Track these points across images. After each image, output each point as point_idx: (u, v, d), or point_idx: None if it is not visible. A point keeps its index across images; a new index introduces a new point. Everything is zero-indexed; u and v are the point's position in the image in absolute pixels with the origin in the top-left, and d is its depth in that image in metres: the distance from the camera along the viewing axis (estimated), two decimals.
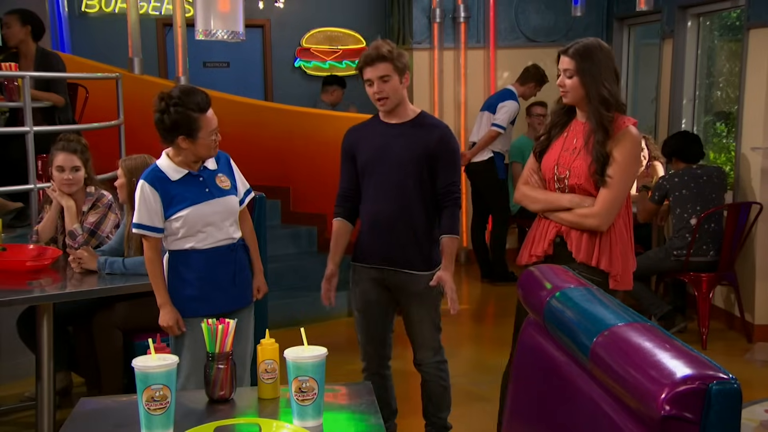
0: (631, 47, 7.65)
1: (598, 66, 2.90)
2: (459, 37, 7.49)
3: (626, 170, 2.93)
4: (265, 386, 2.19)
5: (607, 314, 1.72)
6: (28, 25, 5.15)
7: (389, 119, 3.25)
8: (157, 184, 3.00)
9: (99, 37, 7.80)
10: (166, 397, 1.94)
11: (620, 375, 1.52)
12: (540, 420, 1.95)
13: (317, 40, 8.47)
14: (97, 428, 2.06)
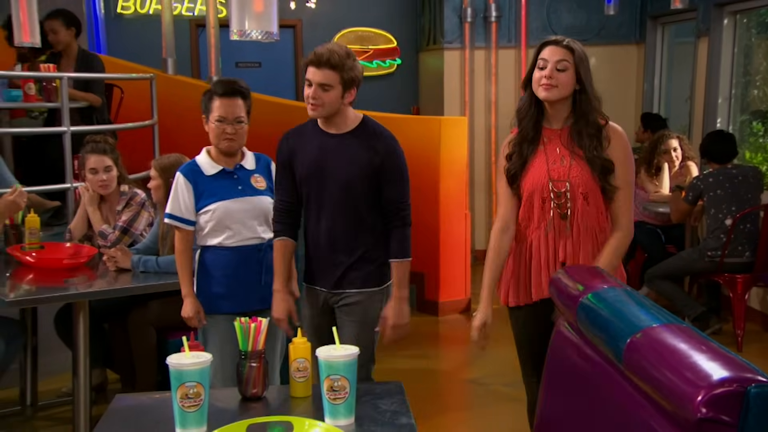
0: (664, 46, 7.56)
1: (587, 62, 2.67)
2: (490, 37, 7.46)
3: (630, 170, 2.72)
4: (297, 384, 2.19)
5: (641, 315, 1.71)
6: (73, 27, 5.24)
7: (328, 128, 2.87)
8: (191, 177, 3.06)
9: (133, 38, 7.88)
10: (200, 395, 1.96)
11: (655, 377, 1.50)
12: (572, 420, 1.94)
13: (348, 40, 8.47)
14: (132, 424, 2.08)
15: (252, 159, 3.19)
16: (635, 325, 1.65)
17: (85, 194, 3.92)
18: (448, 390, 4.62)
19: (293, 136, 2.95)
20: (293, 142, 2.92)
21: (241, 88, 3.07)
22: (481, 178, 7.53)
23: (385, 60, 8.55)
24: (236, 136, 3.04)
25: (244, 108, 3.06)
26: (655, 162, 5.68)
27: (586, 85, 2.63)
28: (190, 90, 6.44)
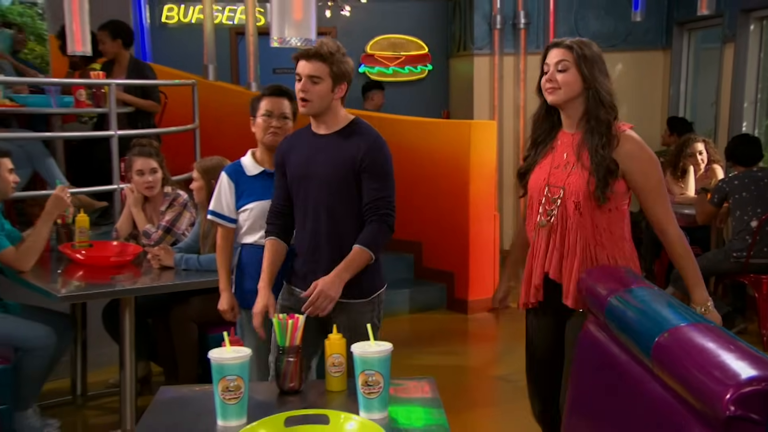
0: (690, 52, 7.45)
1: (596, 61, 2.46)
2: (519, 43, 7.42)
3: (658, 170, 2.50)
4: (333, 379, 2.19)
5: (669, 314, 1.69)
6: (119, 38, 5.32)
7: (318, 128, 2.76)
8: (233, 176, 3.09)
9: (177, 45, 7.96)
10: (240, 388, 1.97)
11: (683, 375, 1.48)
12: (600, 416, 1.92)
13: (381, 47, 8.49)
14: (176, 416, 2.09)
15: None
16: (663, 324, 1.63)
17: (131, 195, 3.96)
18: (476, 386, 4.60)
19: (288, 139, 2.89)
20: (288, 145, 2.84)
21: (287, 90, 3.10)
22: (509, 181, 7.48)
23: (416, 66, 8.54)
24: (280, 130, 3.04)
25: (289, 108, 3.08)
26: (680, 165, 5.61)
27: (592, 81, 2.44)
28: (229, 95, 6.50)
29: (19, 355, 3.49)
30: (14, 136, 4.62)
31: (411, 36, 8.49)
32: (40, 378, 3.62)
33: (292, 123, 3.09)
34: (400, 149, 6.42)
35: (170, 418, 2.07)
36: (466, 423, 3.72)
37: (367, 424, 1.83)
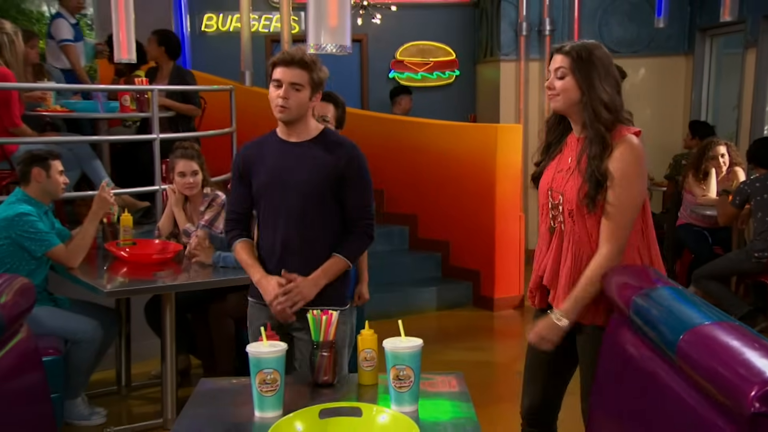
0: (713, 57, 7.35)
1: (596, 66, 2.29)
2: (544, 49, 7.36)
3: (629, 190, 2.24)
4: (365, 373, 2.19)
5: (694, 313, 1.66)
6: (163, 45, 5.39)
7: (288, 136, 2.61)
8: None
9: (215, 53, 8.02)
10: (276, 381, 1.98)
11: (708, 372, 1.46)
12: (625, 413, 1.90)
13: (410, 53, 8.48)
14: (216, 406, 2.11)
15: None
16: (688, 322, 1.61)
17: (172, 196, 4.00)
18: (502, 381, 4.58)
19: (251, 147, 2.70)
20: (251, 153, 2.66)
21: (334, 96, 3.08)
22: None
23: (444, 71, 8.51)
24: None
25: (332, 112, 3.05)
26: (703, 167, 5.53)
27: (588, 88, 2.28)
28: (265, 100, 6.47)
29: (69, 346, 3.55)
30: (64, 140, 4.69)
31: (439, 43, 8.47)
32: (88, 369, 3.68)
33: (333, 127, 3.06)
34: (428, 152, 6.44)
35: (210, 409, 2.09)
36: (492, 416, 3.70)
37: (398, 416, 1.83)
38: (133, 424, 3.74)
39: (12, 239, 3.45)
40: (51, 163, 3.59)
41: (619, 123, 2.31)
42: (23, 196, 3.57)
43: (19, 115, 4.46)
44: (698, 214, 5.51)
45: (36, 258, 3.52)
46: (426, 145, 6.35)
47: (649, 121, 7.39)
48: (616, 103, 2.30)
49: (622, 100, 2.34)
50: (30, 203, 3.55)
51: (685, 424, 1.56)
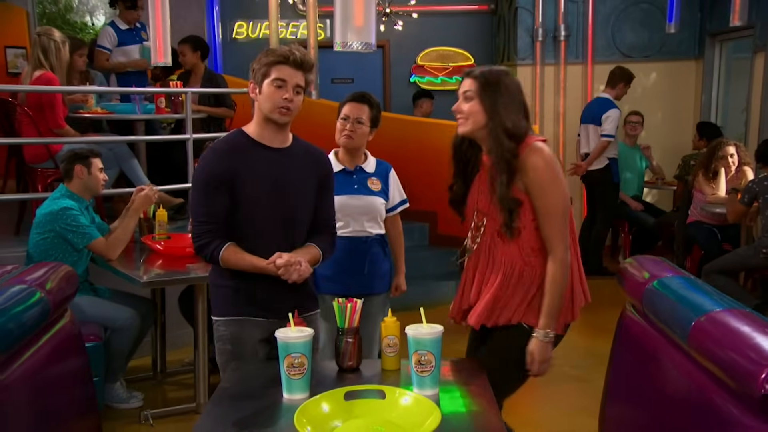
0: (722, 61, 7.26)
1: (502, 92, 2.20)
2: (559, 54, 7.32)
3: (550, 196, 2.15)
4: (388, 359, 2.19)
5: (705, 300, 1.65)
6: (198, 51, 5.44)
7: (272, 142, 2.36)
8: None
9: (245, 58, 8.02)
10: (304, 364, 1.98)
11: (719, 356, 1.45)
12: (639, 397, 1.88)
13: (431, 58, 8.47)
14: (246, 389, 2.12)
15: (373, 164, 3.13)
16: (700, 308, 1.60)
17: None
18: None
19: (231, 152, 2.33)
20: (234, 159, 2.32)
21: (369, 98, 3.06)
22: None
23: None
24: (354, 134, 2.98)
25: (368, 113, 3.02)
26: (713, 167, 5.47)
27: (493, 113, 2.18)
28: None
29: (109, 334, 3.59)
30: (104, 140, 4.75)
31: (458, 48, 8.45)
32: (126, 355, 3.72)
33: (368, 129, 3.05)
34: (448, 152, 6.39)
35: (240, 392, 2.10)
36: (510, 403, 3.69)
37: (420, 399, 1.83)
38: (167, 408, 3.76)
39: (56, 232, 3.50)
40: (92, 160, 3.63)
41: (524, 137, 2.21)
42: (66, 191, 3.62)
43: (63, 117, 4.52)
44: (708, 211, 5.45)
45: (78, 250, 3.56)
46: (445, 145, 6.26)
47: (660, 123, 7.32)
48: (521, 130, 2.19)
49: (528, 124, 2.23)
50: (72, 198, 3.59)
51: (697, 408, 1.55)
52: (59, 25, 9.89)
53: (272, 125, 2.35)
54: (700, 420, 1.55)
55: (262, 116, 2.34)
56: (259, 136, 2.36)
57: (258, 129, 2.37)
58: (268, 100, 2.28)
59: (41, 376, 1.89)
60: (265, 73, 2.29)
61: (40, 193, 4.32)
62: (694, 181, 5.59)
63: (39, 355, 1.89)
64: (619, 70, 6.39)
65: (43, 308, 1.89)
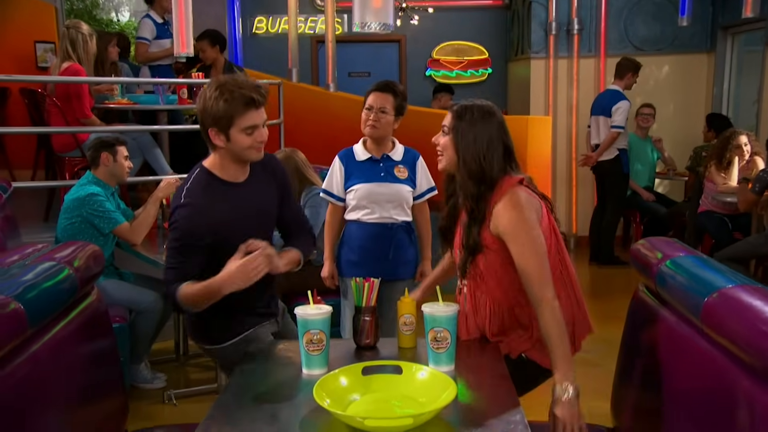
0: (734, 54, 7.16)
1: (477, 129, 2.04)
2: (572, 47, 7.26)
3: (524, 243, 1.97)
4: (404, 337, 2.19)
5: (718, 278, 1.62)
6: (217, 45, 5.46)
7: (237, 177, 2.21)
8: (344, 160, 3.09)
9: (265, 52, 8.09)
10: (322, 341, 1.98)
11: (733, 331, 1.43)
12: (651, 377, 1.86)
13: (446, 52, 8.44)
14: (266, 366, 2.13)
15: (401, 152, 3.13)
16: (713, 285, 1.58)
17: None
18: None
19: (207, 206, 2.14)
20: (211, 214, 2.13)
21: (394, 87, 3.05)
22: (562, 172, 7.35)
23: (478, 69, 8.46)
24: (378, 123, 2.98)
25: (391, 102, 3.01)
26: (727, 156, 5.40)
27: (461, 152, 2.05)
28: (310, 95, 6.56)
29: (134, 316, 3.62)
30: (128, 129, 4.77)
31: (473, 42, 8.42)
32: (150, 336, 3.75)
33: (392, 118, 3.04)
34: None
35: (260, 368, 2.10)
36: None
37: (436, 374, 1.82)
38: (190, 388, 3.79)
39: (83, 217, 3.53)
40: (117, 148, 3.66)
41: (502, 177, 2.06)
42: (93, 178, 3.64)
43: (89, 107, 4.55)
44: (719, 201, 5.40)
45: (104, 235, 3.58)
46: None
47: (672, 115, 7.25)
48: (491, 173, 2.03)
49: (510, 166, 2.07)
50: (99, 185, 3.62)
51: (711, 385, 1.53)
52: (86, 21, 9.98)
53: (241, 162, 2.19)
54: (714, 396, 1.53)
55: (232, 156, 2.15)
56: (227, 175, 2.19)
57: (225, 168, 2.18)
58: (240, 146, 2.11)
59: (70, 351, 1.90)
60: (229, 124, 2.08)
61: (67, 181, 4.36)
62: (706, 172, 5.54)
63: (67, 330, 1.90)
64: (625, 60, 6.33)
65: (71, 284, 1.90)
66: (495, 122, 2.09)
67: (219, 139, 2.12)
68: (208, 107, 2.08)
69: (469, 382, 1.91)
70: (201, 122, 2.13)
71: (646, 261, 1.98)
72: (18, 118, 5.69)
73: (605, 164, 6.35)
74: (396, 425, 1.59)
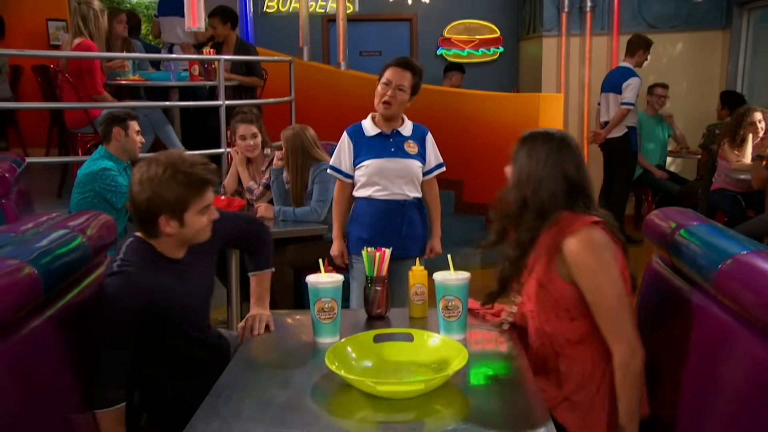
0: (749, 31, 7.06)
1: (533, 154, 1.90)
2: (585, 25, 7.18)
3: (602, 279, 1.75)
4: (415, 306, 2.19)
5: (731, 245, 1.61)
6: (228, 22, 5.43)
7: (180, 254, 2.01)
8: (353, 137, 3.03)
9: (276, 31, 8.06)
10: (333, 309, 1.99)
11: (746, 296, 1.42)
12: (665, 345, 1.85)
13: (457, 31, 8.37)
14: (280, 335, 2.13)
15: (410, 127, 3.07)
16: (726, 252, 1.56)
17: (236, 156, 4.03)
18: None
19: (133, 265, 1.88)
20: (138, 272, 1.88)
21: (412, 64, 2.93)
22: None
23: (489, 48, 8.39)
24: (394, 100, 2.90)
25: (409, 80, 2.91)
26: (741, 133, 5.33)
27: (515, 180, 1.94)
28: (321, 74, 6.54)
29: None
30: (139, 105, 4.77)
31: (484, 21, 8.34)
32: None
33: (408, 96, 2.96)
34: (474, 121, 6.35)
35: (272, 337, 2.11)
36: None
37: (447, 340, 1.82)
38: None
39: (96, 192, 3.53)
40: (129, 123, 3.65)
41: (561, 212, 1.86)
42: (105, 153, 3.65)
43: (101, 84, 4.55)
44: (732, 178, 5.34)
45: (116, 209, 3.59)
46: (472, 114, 6.28)
47: (686, 93, 7.17)
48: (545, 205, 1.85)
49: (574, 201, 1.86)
50: (111, 160, 3.62)
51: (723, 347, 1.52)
52: None
53: (187, 245, 2.01)
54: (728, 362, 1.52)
55: (179, 242, 1.97)
56: (169, 252, 1.98)
57: (172, 249, 1.99)
58: (194, 229, 1.94)
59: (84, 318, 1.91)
60: (181, 206, 1.89)
61: (80, 157, 4.38)
62: (719, 149, 5.48)
63: (80, 297, 1.91)
64: (636, 37, 6.24)
65: (84, 252, 1.91)
66: (563, 146, 1.88)
67: (170, 225, 1.90)
68: (158, 194, 1.86)
69: (480, 349, 1.90)
70: (147, 209, 1.89)
71: (660, 231, 1.96)
72: (31, 97, 5.71)
73: (614, 141, 6.29)
74: (407, 390, 1.59)
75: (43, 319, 1.67)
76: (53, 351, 1.70)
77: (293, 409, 1.56)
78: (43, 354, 1.64)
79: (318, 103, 6.00)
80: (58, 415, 1.66)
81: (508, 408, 1.61)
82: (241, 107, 4.13)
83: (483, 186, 6.27)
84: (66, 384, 1.72)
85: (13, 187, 3.07)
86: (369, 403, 1.57)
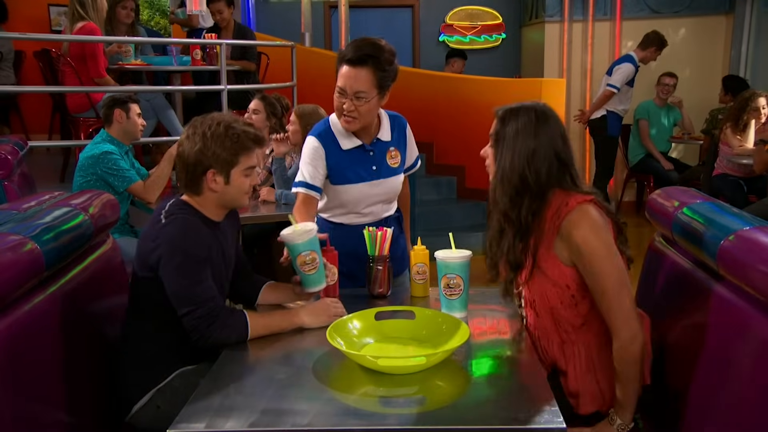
0: (753, 16, 7.01)
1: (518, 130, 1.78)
2: (587, 10, 7.14)
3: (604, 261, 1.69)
4: (417, 286, 2.18)
5: (733, 221, 1.60)
6: (231, 5, 5.39)
7: (217, 216, 2.00)
8: (326, 146, 2.33)
9: (278, 17, 8.03)
10: (315, 259, 1.96)
11: (748, 271, 1.41)
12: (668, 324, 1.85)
13: (459, 17, 8.33)
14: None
15: (387, 126, 2.40)
16: (729, 228, 1.55)
17: None
18: None
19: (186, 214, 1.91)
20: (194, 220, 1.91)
21: (368, 56, 2.18)
22: (575, 135, 7.26)
23: (491, 35, 8.34)
24: (356, 113, 2.22)
25: (370, 80, 2.18)
26: (744, 118, 5.31)
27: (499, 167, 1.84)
28: (322, 59, 6.51)
29: None
30: (141, 89, 4.76)
31: (486, 7, 8.30)
32: None
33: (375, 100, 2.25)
34: (476, 107, 6.33)
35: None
36: None
37: (449, 318, 1.82)
38: None
39: (98, 175, 3.53)
40: (130, 105, 3.64)
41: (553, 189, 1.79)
42: (107, 136, 3.64)
43: (104, 67, 4.54)
44: (734, 163, 5.33)
45: (119, 193, 3.58)
46: (474, 100, 6.26)
47: (689, 78, 7.13)
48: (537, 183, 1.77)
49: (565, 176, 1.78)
50: (113, 143, 3.61)
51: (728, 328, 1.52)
52: None
53: (226, 208, 2.01)
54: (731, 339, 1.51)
55: (223, 200, 1.96)
56: (210, 214, 1.97)
57: (214, 211, 1.97)
58: (238, 190, 1.94)
59: (85, 296, 1.91)
60: (231, 162, 1.89)
61: (82, 141, 4.37)
62: (722, 135, 5.45)
63: (83, 276, 1.91)
64: (654, 33, 6.19)
65: (86, 229, 1.91)
66: (548, 130, 1.78)
67: (216, 182, 1.91)
68: (209, 149, 1.87)
69: (482, 327, 1.90)
70: (196, 163, 1.89)
71: (663, 210, 1.95)
72: (33, 82, 5.70)
73: (594, 122, 6.28)
74: (409, 365, 1.59)
75: (45, 296, 1.67)
76: (55, 327, 1.70)
77: (295, 384, 1.56)
78: (44, 330, 1.64)
79: (320, 90, 5.96)
80: (58, 391, 1.66)
81: (509, 384, 1.60)
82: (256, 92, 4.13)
83: (485, 172, 6.26)
84: (66, 360, 1.72)
85: (15, 170, 3.06)
86: (371, 379, 1.57)
